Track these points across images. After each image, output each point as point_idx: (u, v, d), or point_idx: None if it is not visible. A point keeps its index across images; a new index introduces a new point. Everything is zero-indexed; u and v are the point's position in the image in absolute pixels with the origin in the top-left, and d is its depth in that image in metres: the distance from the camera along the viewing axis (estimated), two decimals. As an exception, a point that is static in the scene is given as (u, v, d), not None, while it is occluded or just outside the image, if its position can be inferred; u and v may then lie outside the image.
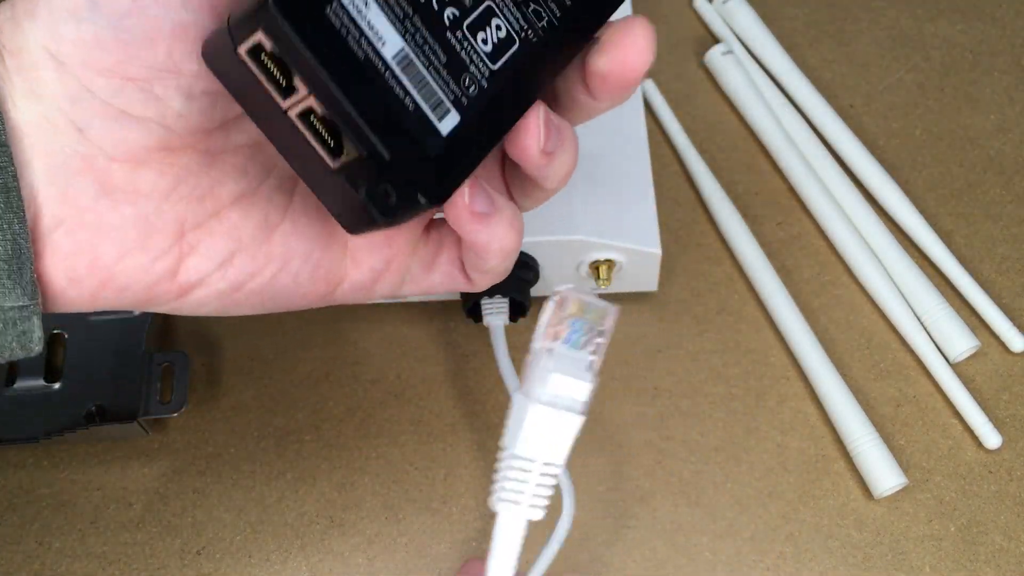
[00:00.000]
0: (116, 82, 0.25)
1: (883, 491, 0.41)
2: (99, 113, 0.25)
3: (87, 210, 0.26)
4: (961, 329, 0.45)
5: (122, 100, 0.25)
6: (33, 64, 0.25)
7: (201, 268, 0.28)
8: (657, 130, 0.52)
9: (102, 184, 0.26)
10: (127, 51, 0.24)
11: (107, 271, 0.27)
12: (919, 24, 0.56)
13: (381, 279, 0.31)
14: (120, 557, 0.41)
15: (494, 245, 0.27)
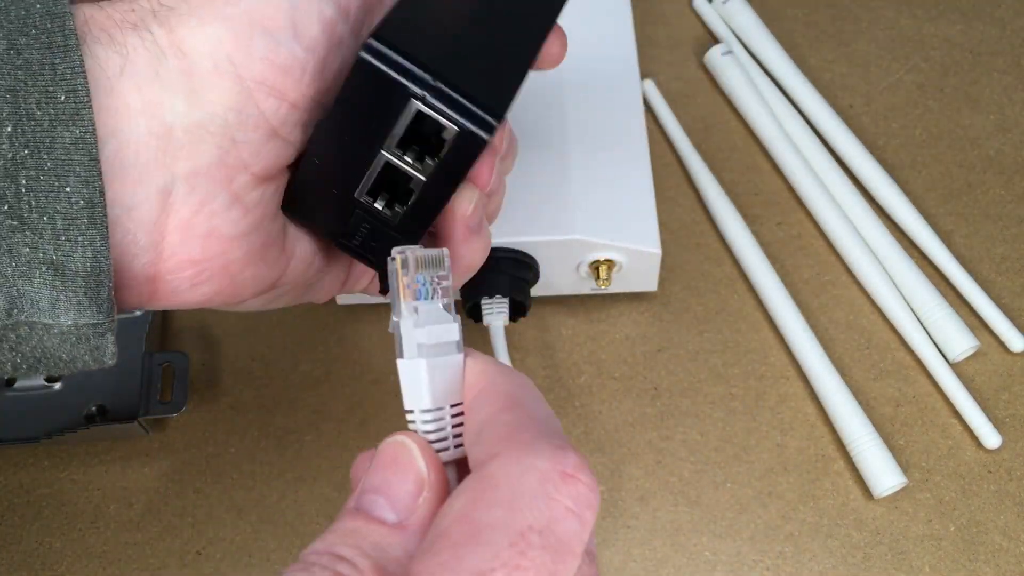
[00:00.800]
0: (283, 104, 0.25)
1: (883, 491, 0.41)
2: (256, 128, 0.25)
3: (220, 219, 0.26)
4: (961, 329, 0.45)
5: (279, 120, 0.26)
6: (206, 70, 0.25)
7: (296, 271, 0.30)
8: (657, 130, 0.52)
9: (235, 195, 0.26)
10: (304, 78, 0.25)
11: (231, 279, 0.27)
12: (919, 24, 0.56)
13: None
14: (120, 557, 0.41)
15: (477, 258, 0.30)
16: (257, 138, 0.26)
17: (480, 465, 0.21)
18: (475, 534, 0.19)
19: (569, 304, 0.47)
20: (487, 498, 0.20)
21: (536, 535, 0.19)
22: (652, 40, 0.55)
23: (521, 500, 0.19)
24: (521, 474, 0.20)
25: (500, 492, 0.20)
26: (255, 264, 0.28)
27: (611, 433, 0.44)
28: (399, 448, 0.23)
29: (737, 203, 0.49)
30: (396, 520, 0.22)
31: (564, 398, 0.45)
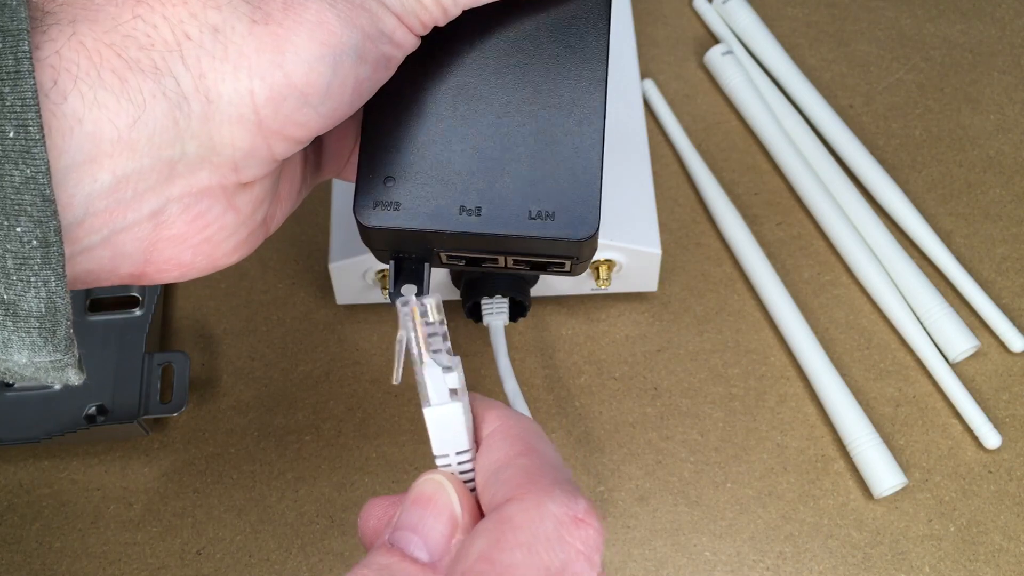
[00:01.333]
0: (293, 146, 0.26)
1: (883, 491, 0.41)
2: (260, 161, 0.26)
3: (214, 227, 0.27)
4: (961, 329, 0.45)
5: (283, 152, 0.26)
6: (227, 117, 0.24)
7: (273, 230, 0.30)
8: (657, 130, 0.52)
9: (229, 204, 0.27)
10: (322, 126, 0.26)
11: (218, 264, 0.28)
12: (919, 24, 0.56)
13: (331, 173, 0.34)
14: (120, 557, 0.41)
15: None
16: (259, 164, 0.26)
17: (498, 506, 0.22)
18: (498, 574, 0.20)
19: (569, 304, 0.47)
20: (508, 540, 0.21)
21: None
22: (652, 40, 0.55)
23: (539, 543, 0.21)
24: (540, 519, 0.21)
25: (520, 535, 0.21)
26: (240, 250, 0.29)
27: (611, 433, 0.44)
28: (436, 487, 0.23)
29: (737, 203, 0.49)
30: (428, 560, 0.22)
31: (564, 398, 0.45)
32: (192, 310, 0.47)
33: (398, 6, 0.26)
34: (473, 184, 0.28)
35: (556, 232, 0.28)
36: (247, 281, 0.48)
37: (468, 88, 0.29)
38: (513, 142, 0.28)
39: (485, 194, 0.28)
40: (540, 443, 0.24)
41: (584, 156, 0.29)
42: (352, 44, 0.25)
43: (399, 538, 0.23)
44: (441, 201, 0.28)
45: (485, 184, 0.28)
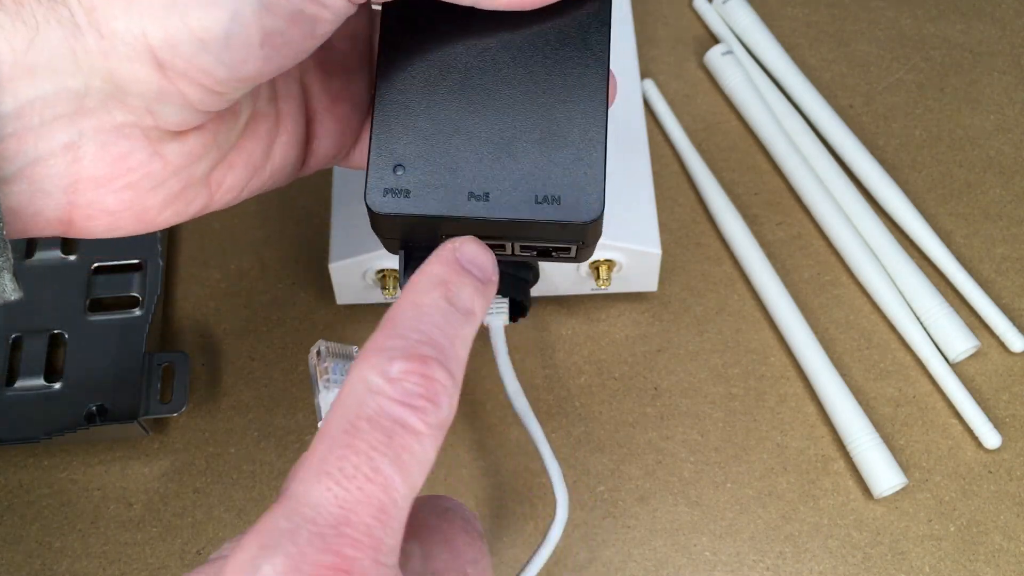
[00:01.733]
0: (208, 93, 0.26)
1: (883, 491, 0.41)
2: (176, 104, 0.26)
3: (138, 173, 0.27)
4: (961, 329, 0.45)
5: (200, 100, 0.26)
6: (124, 55, 0.25)
7: (225, 199, 0.30)
8: (657, 130, 0.52)
9: (155, 151, 0.27)
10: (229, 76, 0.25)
11: (149, 221, 0.28)
12: (919, 24, 0.56)
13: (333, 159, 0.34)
14: (120, 557, 0.42)
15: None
16: (178, 111, 0.26)
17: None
18: (320, 437, 0.22)
19: (569, 304, 0.47)
20: (331, 411, 0.22)
21: (364, 421, 0.21)
22: (652, 40, 0.55)
23: (353, 398, 0.22)
24: (349, 386, 0.22)
25: (339, 401, 0.22)
26: (173, 205, 0.28)
27: (611, 433, 0.44)
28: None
29: (737, 203, 0.49)
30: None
31: (564, 398, 0.45)
32: (192, 310, 0.47)
33: None
34: (481, 171, 0.29)
35: (561, 216, 0.29)
36: (247, 281, 0.48)
37: (475, 79, 0.30)
38: (519, 131, 0.29)
39: (492, 181, 0.29)
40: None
41: (588, 142, 0.30)
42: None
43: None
44: (450, 188, 0.29)
45: (492, 171, 0.29)
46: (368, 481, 0.21)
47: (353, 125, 0.33)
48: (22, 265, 0.47)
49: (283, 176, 0.32)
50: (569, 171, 0.29)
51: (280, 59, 0.26)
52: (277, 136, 0.31)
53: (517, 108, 0.30)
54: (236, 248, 0.49)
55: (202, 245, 0.49)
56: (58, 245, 0.48)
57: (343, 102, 0.33)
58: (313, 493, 0.21)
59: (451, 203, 0.29)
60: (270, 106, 0.31)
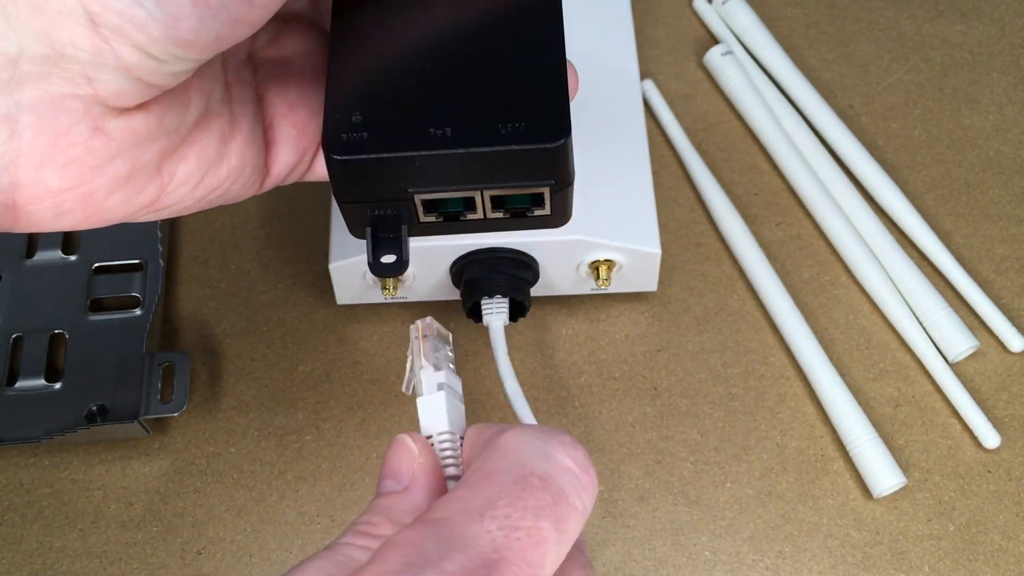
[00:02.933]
0: (140, 54, 0.25)
1: (882, 491, 0.41)
2: (112, 68, 0.25)
3: (80, 149, 0.26)
4: (960, 329, 0.45)
5: (136, 64, 0.25)
6: (61, 15, 0.24)
7: (179, 193, 0.30)
8: (657, 130, 0.52)
9: (97, 126, 0.26)
10: (163, 38, 0.25)
11: (96, 206, 0.28)
12: (918, 25, 0.56)
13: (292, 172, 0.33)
14: (121, 557, 0.42)
15: None
16: (117, 79, 0.25)
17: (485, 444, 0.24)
18: (486, 478, 0.22)
19: (569, 304, 0.47)
20: (497, 456, 0.23)
21: (537, 479, 0.22)
22: (652, 40, 0.55)
23: (525, 456, 0.22)
24: (526, 439, 0.23)
25: (507, 452, 0.23)
26: (122, 190, 0.28)
27: (611, 433, 0.44)
28: (395, 441, 0.27)
29: (737, 203, 0.49)
30: (400, 487, 0.26)
31: (564, 398, 0.45)
32: (193, 310, 0.47)
33: None
34: (440, 110, 0.28)
35: (528, 141, 0.28)
36: (247, 281, 0.48)
37: (428, 23, 0.29)
38: (477, 65, 0.29)
39: (453, 117, 0.28)
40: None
41: (547, 68, 0.29)
42: None
43: (379, 488, 0.26)
44: (410, 128, 0.28)
45: (452, 107, 0.28)
46: (528, 536, 0.21)
47: (311, 132, 0.33)
48: (22, 265, 0.47)
49: (243, 182, 0.31)
50: (531, 99, 0.28)
51: (218, 26, 0.25)
52: (232, 136, 0.31)
53: (473, 43, 0.29)
54: (236, 248, 0.49)
55: (202, 245, 0.49)
56: (59, 245, 0.48)
57: (301, 108, 0.32)
58: (472, 530, 0.21)
59: (412, 141, 0.28)
60: (224, 107, 0.30)
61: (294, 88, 0.33)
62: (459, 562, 0.20)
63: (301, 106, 0.33)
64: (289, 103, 0.32)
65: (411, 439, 0.27)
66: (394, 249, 0.30)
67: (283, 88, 0.33)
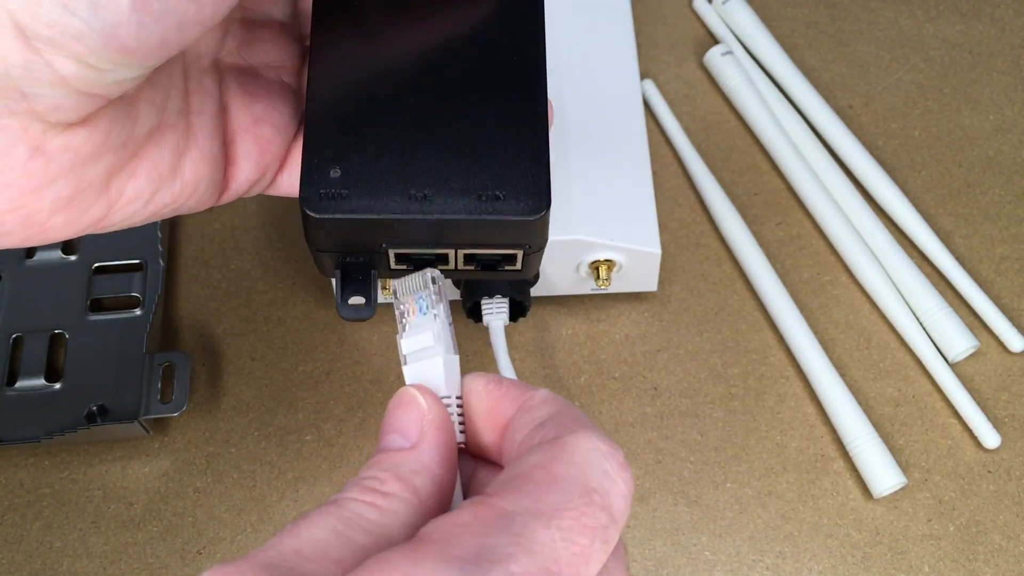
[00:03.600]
0: (78, 65, 0.24)
1: (882, 491, 0.41)
2: (48, 82, 0.24)
3: (17, 172, 0.25)
4: (960, 329, 0.45)
5: (75, 76, 0.24)
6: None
7: (127, 210, 0.28)
8: (657, 130, 0.52)
9: (36, 145, 0.25)
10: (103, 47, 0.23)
11: (39, 227, 0.27)
12: (918, 25, 0.56)
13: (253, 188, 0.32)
14: (121, 557, 0.42)
15: None
16: (54, 93, 0.24)
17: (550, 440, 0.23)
18: (554, 481, 0.22)
19: (569, 304, 0.47)
20: (564, 458, 0.22)
21: (598, 496, 0.22)
22: (652, 40, 0.55)
23: (591, 468, 0.22)
24: (592, 450, 0.23)
25: (575, 457, 0.22)
26: (65, 211, 0.27)
27: (611, 433, 0.44)
28: (402, 395, 0.26)
29: (737, 203, 0.49)
30: (408, 445, 0.25)
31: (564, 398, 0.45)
32: (193, 310, 0.47)
33: None
34: (420, 171, 0.28)
35: (506, 213, 0.27)
36: (247, 281, 0.48)
37: (410, 76, 0.28)
38: (459, 128, 0.28)
39: (433, 180, 0.28)
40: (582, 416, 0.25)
41: (531, 137, 0.28)
42: None
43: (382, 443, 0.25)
44: (389, 189, 0.27)
45: (432, 170, 0.28)
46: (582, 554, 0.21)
47: (275, 149, 0.32)
48: (22, 265, 0.47)
49: (198, 196, 0.30)
50: (513, 168, 0.28)
51: (162, 30, 0.24)
52: (187, 150, 0.29)
53: (457, 105, 0.28)
54: (236, 248, 0.49)
55: (202, 245, 0.49)
56: (59, 245, 0.48)
57: (266, 124, 0.31)
58: (540, 535, 0.21)
59: (390, 205, 0.27)
60: (179, 118, 0.29)
61: (261, 101, 0.31)
62: (524, 566, 0.20)
63: (266, 122, 0.31)
64: (254, 116, 0.31)
65: (420, 394, 0.25)
66: (363, 291, 0.30)
67: (249, 100, 0.31)
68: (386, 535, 0.22)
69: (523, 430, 0.24)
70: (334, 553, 0.21)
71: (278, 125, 0.32)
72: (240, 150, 0.31)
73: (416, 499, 0.23)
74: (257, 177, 0.32)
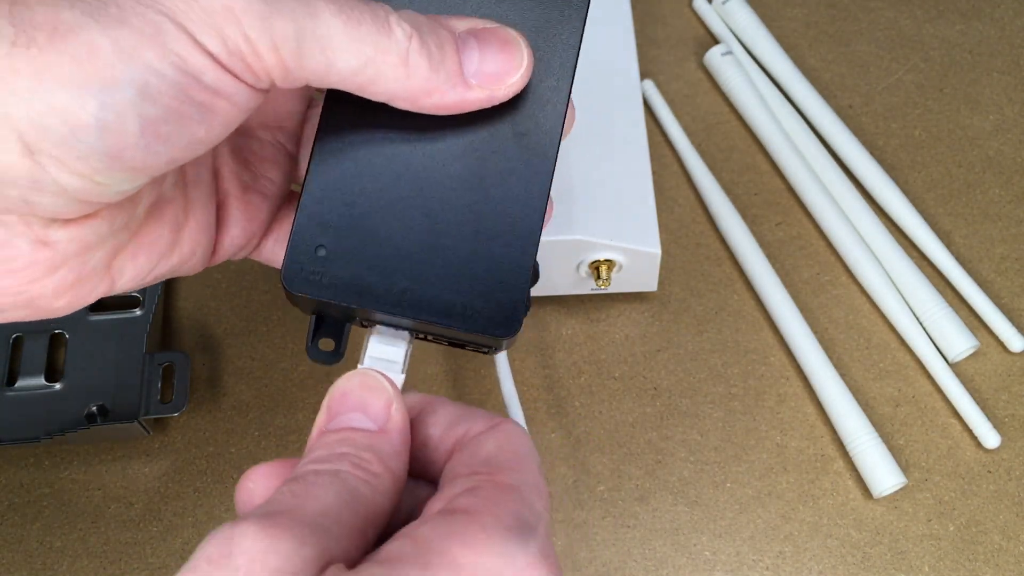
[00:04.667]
0: (82, 179, 0.24)
1: (882, 491, 0.41)
2: (51, 192, 0.24)
3: (21, 262, 0.25)
4: (960, 329, 0.45)
5: (79, 189, 0.24)
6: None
7: (128, 286, 0.29)
8: (657, 130, 0.52)
9: (39, 239, 0.25)
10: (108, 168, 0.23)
11: (42, 309, 0.27)
12: (918, 25, 0.56)
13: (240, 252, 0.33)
14: (120, 556, 0.42)
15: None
16: (56, 202, 0.24)
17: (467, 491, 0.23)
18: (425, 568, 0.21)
19: (569, 304, 0.47)
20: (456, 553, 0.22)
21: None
22: (652, 40, 0.55)
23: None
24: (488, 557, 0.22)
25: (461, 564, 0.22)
26: (68, 294, 0.27)
27: (611, 433, 0.44)
28: (364, 375, 0.26)
29: (737, 203, 0.49)
30: (375, 428, 0.25)
31: (564, 398, 0.45)
32: (193, 310, 0.47)
33: (215, 45, 0.23)
34: (402, 266, 0.28)
35: (476, 329, 0.28)
36: (247, 281, 0.48)
37: (411, 167, 0.28)
38: (450, 229, 0.28)
39: (412, 278, 0.28)
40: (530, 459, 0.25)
41: (517, 254, 0.28)
42: (128, 79, 0.22)
43: (343, 420, 0.26)
44: (368, 279, 0.28)
45: (414, 268, 0.28)
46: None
47: (261, 217, 0.32)
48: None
49: (193, 264, 0.30)
50: (492, 282, 0.28)
51: (170, 151, 0.24)
52: (186, 224, 0.29)
53: (452, 205, 0.28)
54: (236, 248, 0.49)
55: (202, 245, 0.49)
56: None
57: (254, 192, 0.31)
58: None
59: (366, 296, 0.28)
60: (177, 191, 0.29)
61: (251, 168, 0.31)
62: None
63: (255, 190, 0.31)
64: (243, 184, 0.31)
65: (386, 380, 0.26)
66: (334, 337, 0.30)
67: (240, 166, 0.31)
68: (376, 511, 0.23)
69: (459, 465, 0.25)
70: (346, 520, 0.22)
71: (267, 193, 0.32)
72: (229, 216, 0.31)
73: (392, 481, 0.24)
74: (243, 243, 0.32)
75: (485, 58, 0.27)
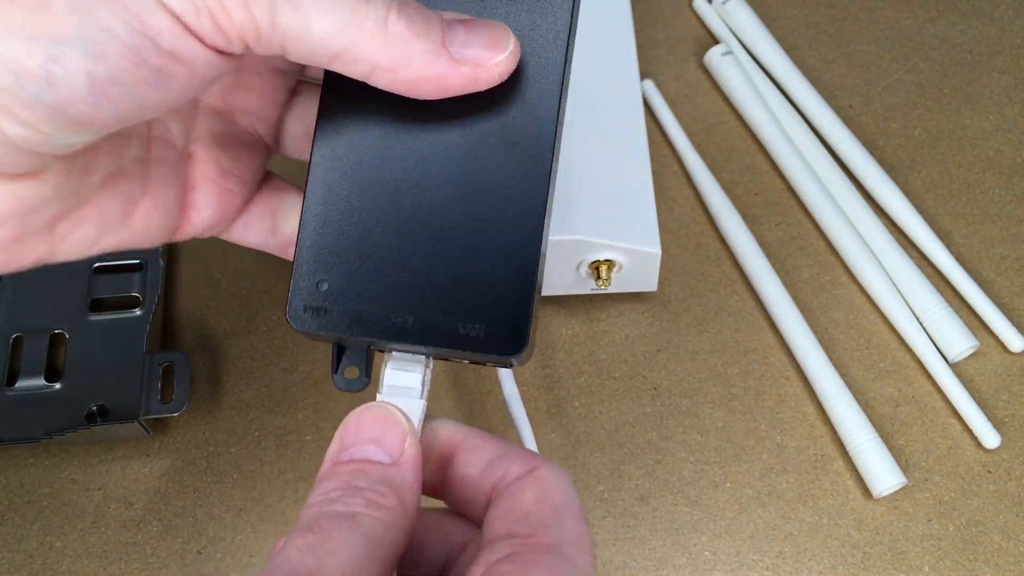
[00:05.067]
0: (25, 128, 0.23)
1: (882, 491, 0.41)
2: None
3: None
4: (960, 329, 0.45)
5: (22, 138, 0.23)
6: None
7: (70, 252, 0.28)
8: (657, 130, 0.52)
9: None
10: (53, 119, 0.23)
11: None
12: (918, 24, 0.56)
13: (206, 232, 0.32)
14: (121, 557, 0.42)
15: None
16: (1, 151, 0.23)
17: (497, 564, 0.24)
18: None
19: (569, 304, 0.47)
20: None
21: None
22: (652, 40, 0.55)
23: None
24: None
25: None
26: (5, 252, 0.26)
27: (611, 433, 0.44)
28: (379, 408, 0.26)
29: (737, 203, 0.49)
30: (389, 461, 0.25)
31: (564, 398, 0.45)
32: (193, 310, 0.47)
33: (181, 3, 0.22)
34: (405, 293, 0.28)
35: (484, 349, 0.28)
36: (247, 281, 0.48)
37: (407, 191, 0.28)
38: (451, 254, 0.28)
39: (417, 306, 0.28)
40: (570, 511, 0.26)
41: (521, 273, 0.28)
42: (78, 36, 0.22)
43: (357, 452, 0.25)
44: (372, 311, 0.28)
45: (418, 296, 0.28)
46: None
47: (237, 201, 0.31)
48: (22, 265, 0.47)
49: (148, 240, 0.30)
50: (497, 303, 0.28)
51: (119, 112, 0.23)
52: (140, 201, 0.29)
53: (452, 230, 0.28)
54: (236, 248, 0.49)
55: (202, 245, 0.49)
56: (58, 245, 0.48)
57: (232, 177, 0.31)
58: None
59: (371, 328, 0.28)
60: (137, 167, 0.28)
61: (229, 153, 0.31)
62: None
63: (233, 175, 0.31)
64: (221, 169, 0.31)
65: (400, 413, 0.26)
66: (358, 364, 0.30)
67: (218, 151, 0.31)
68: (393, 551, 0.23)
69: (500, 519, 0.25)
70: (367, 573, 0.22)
71: (244, 178, 0.31)
72: (201, 199, 0.31)
73: (404, 515, 0.24)
74: (213, 224, 0.31)
75: (470, 39, 0.26)
